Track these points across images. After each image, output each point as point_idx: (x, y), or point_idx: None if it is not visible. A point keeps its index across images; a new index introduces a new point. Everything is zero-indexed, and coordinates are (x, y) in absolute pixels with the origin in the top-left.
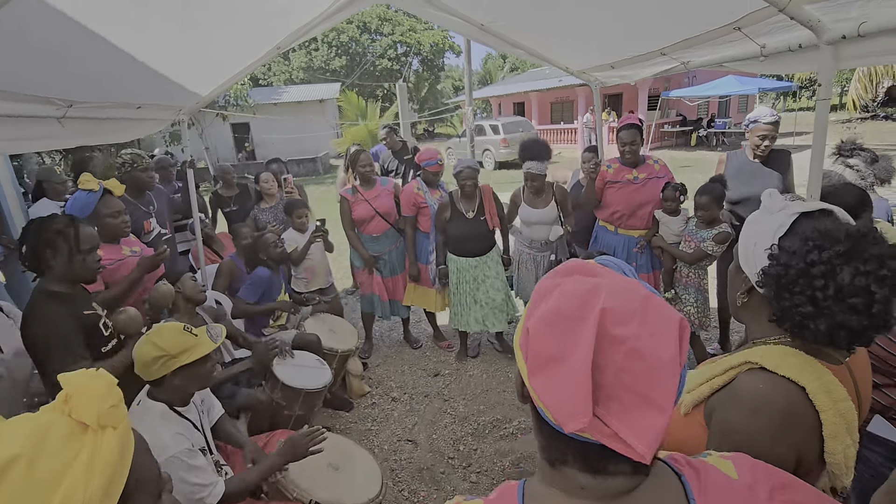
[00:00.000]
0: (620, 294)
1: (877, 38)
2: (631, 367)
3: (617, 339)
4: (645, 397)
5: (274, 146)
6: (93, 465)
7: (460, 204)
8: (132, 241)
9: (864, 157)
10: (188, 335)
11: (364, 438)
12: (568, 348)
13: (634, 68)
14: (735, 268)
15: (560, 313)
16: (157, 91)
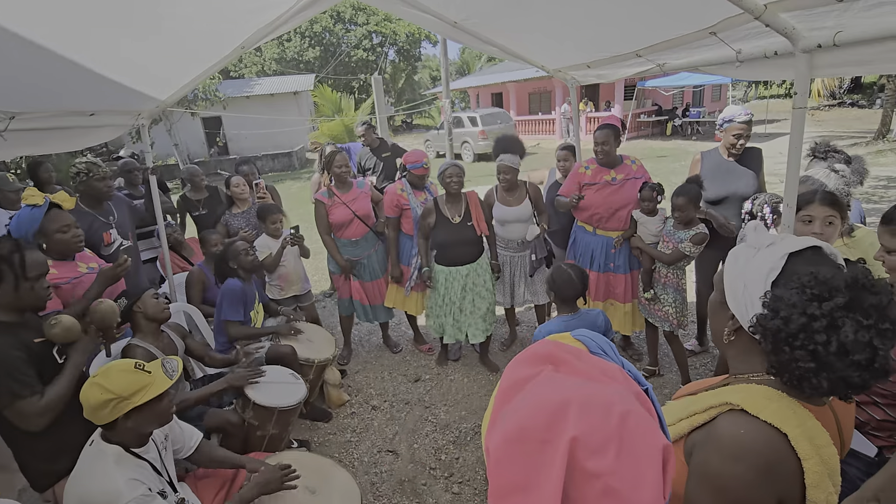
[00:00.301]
0: (595, 414)
1: (852, 47)
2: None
3: (590, 473)
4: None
5: (247, 141)
6: None
7: (445, 209)
8: (88, 256)
9: (837, 158)
10: (140, 373)
11: (343, 451)
12: (534, 478)
13: (610, 68)
14: (719, 302)
15: (525, 434)
16: (112, 97)
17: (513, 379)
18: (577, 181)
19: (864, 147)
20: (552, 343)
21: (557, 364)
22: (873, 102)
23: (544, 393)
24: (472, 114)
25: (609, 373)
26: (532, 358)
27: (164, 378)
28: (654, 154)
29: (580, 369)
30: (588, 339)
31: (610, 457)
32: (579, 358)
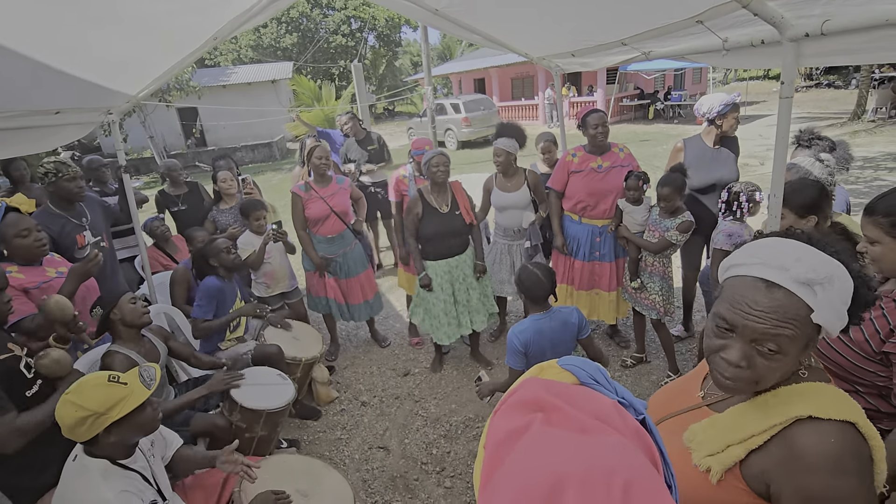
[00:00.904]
0: (596, 490)
1: (839, 36)
2: None
3: None
4: None
5: (225, 131)
6: None
7: (432, 199)
8: (56, 261)
9: (822, 145)
10: (114, 386)
11: (334, 448)
12: None
13: (595, 57)
14: (799, 353)
15: (520, 498)
16: (79, 94)
17: (503, 431)
18: (565, 169)
19: (840, 128)
20: (540, 384)
21: (548, 411)
22: (849, 83)
23: (538, 462)
24: (455, 100)
25: (603, 415)
26: (520, 405)
27: (142, 388)
28: (637, 138)
29: (573, 417)
30: (577, 369)
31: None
32: (569, 399)
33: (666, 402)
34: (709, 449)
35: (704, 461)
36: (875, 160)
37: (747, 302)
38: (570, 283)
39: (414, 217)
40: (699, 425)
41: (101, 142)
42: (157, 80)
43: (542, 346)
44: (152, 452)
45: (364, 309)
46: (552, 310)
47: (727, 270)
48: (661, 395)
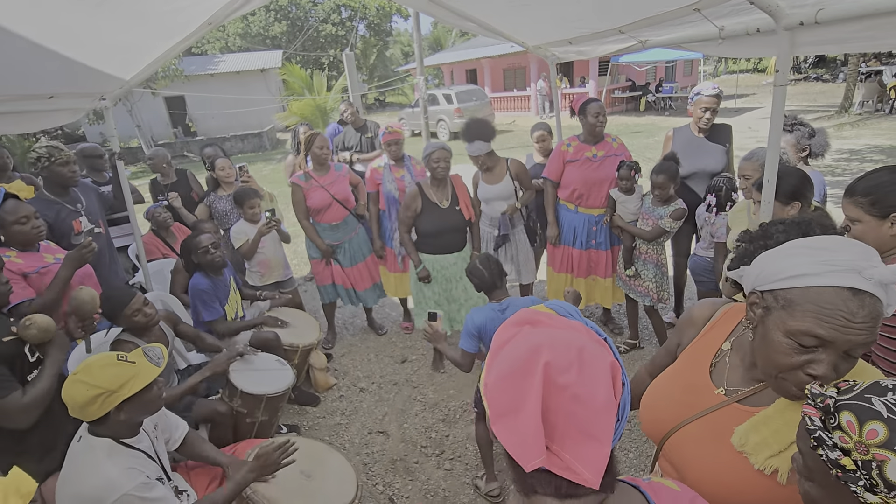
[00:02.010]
0: (561, 347)
1: (833, 25)
2: (575, 409)
3: (560, 386)
4: (589, 434)
5: (214, 121)
6: None
7: (431, 193)
8: (53, 248)
9: (803, 131)
10: (123, 365)
11: (334, 433)
12: (521, 400)
13: (592, 45)
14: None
15: (512, 371)
16: (73, 78)
17: (501, 339)
18: (560, 159)
19: (827, 121)
20: (530, 311)
21: (534, 324)
22: (836, 77)
23: (524, 342)
24: (448, 91)
25: (574, 326)
26: (514, 322)
27: (150, 366)
28: (628, 130)
29: (551, 324)
30: (557, 307)
31: (574, 372)
32: (551, 318)
33: (681, 401)
34: (771, 449)
35: (768, 462)
36: (861, 152)
37: (843, 315)
38: (570, 272)
39: (412, 212)
40: (748, 426)
41: (85, 130)
42: (150, 65)
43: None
44: (156, 434)
45: (373, 292)
46: (507, 300)
47: (786, 280)
48: (666, 391)
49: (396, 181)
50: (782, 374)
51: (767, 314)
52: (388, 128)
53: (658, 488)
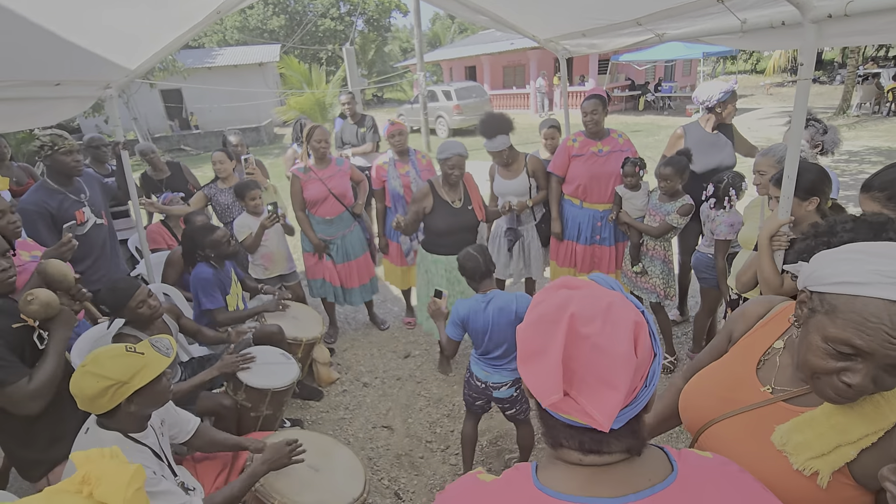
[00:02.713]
0: (588, 301)
1: (863, 17)
2: (594, 358)
3: (583, 335)
4: (606, 382)
5: (211, 114)
6: None
7: (443, 192)
8: (30, 244)
9: (818, 128)
10: (133, 356)
11: (338, 428)
12: (546, 344)
13: (607, 37)
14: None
15: (541, 318)
16: (79, 65)
17: (539, 297)
18: (566, 154)
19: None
20: (569, 277)
21: (572, 287)
22: (833, 79)
23: (557, 296)
24: (447, 87)
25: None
26: (553, 286)
27: (161, 357)
28: (627, 129)
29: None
30: (599, 279)
31: (597, 324)
32: (589, 284)
33: (724, 395)
34: (813, 451)
35: (809, 464)
36: (860, 154)
37: (886, 330)
38: (573, 266)
39: (421, 210)
40: (791, 426)
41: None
42: (156, 54)
43: (479, 324)
44: (162, 430)
45: (359, 293)
46: (491, 293)
47: (835, 286)
48: (709, 384)
49: (401, 177)
50: (819, 377)
51: (812, 315)
52: (392, 119)
53: (686, 454)
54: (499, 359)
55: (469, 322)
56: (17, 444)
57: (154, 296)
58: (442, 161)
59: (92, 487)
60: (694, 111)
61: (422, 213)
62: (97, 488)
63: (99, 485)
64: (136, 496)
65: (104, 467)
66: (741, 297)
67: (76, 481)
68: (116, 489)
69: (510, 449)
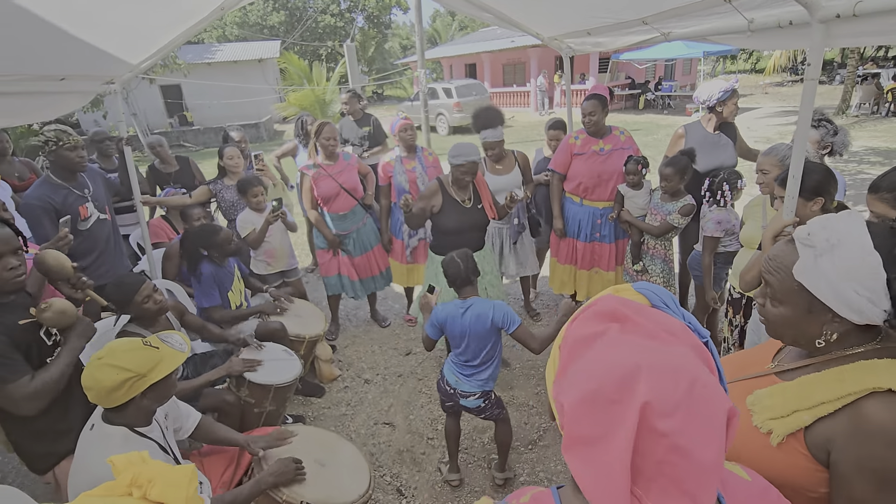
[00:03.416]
0: (665, 380)
1: (871, 18)
2: (672, 460)
3: (659, 432)
4: (685, 491)
5: (210, 110)
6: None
7: (453, 191)
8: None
9: (829, 128)
10: (149, 350)
11: (339, 424)
12: (606, 432)
13: (612, 36)
14: (803, 313)
15: (599, 396)
16: (83, 60)
17: (580, 334)
18: (568, 151)
19: None
20: (616, 299)
21: (623, 321)
22: (833, 79)
23: (615, 355)
24: (447, 85)
25: (673, 330)
26: (598, 315)
27: (176, 352)
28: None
29: (645, 327)
30: (650, 293)
31: (679, 419)
32: (643, 314)
33: (735, 370)
34: (773, 413)
35: (767, 423)
36: (858, 154)
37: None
38: (573, 264)
39: (429, 208)
40: (765, 391)
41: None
42: (160, 49)
43: (456, 330)
44: (166, 424)
45: (379, 280)
46: (470, 301)
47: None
48: (731, 361)
49: (407, 173)
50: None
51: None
52: (401, 114)
53: (730, 482)
54: (475, 367)
55: (447, 327)
56: (25, 437)
57: (159, 291)
58: (455, 166)
59: (145, 490)
60: (694, 110)
61: (429, 210)
62: (152, 489)
63: (153, 486)
64: (196, 496)
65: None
66: (744, 295)
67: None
68: (176, 489)
69: (511, 446)
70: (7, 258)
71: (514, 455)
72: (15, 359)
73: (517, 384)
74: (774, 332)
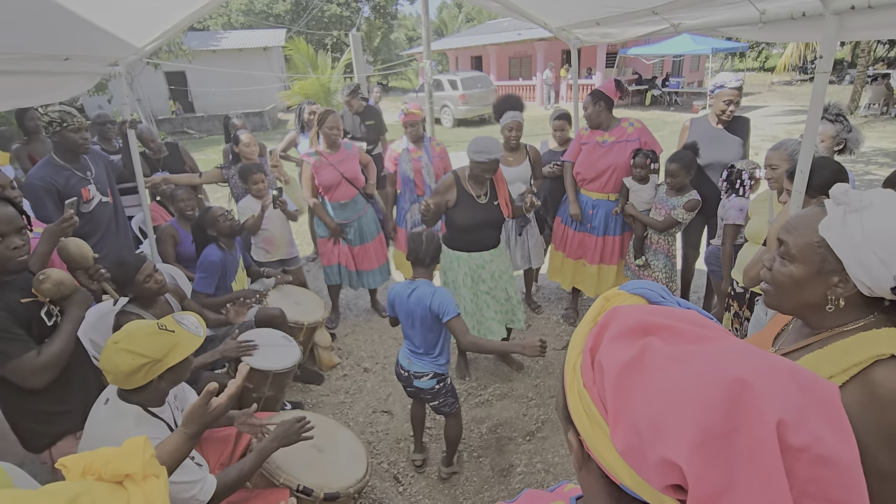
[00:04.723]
0: (775, 384)
1: (887, 9)
2: (817, 475)
3: (797, 449)
4: (837, 503)
5: (214, 98)
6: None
7: (469, 185)
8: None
9: (845, 125)
10: (166, 334)
11: (338, 412)
12: (734, 475)
13: (621, 27)
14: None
15: (710, 433)
16: (88, 41)
17: (619, 364)
18: (578, 141)
19: None
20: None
21: (657, 332)
22: (842, 78)
23: (690, 375)
24: (453, 77)
25: (703, 323)
26: (625, 334)
27: (192, 336)
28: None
29: (683, 331)
30: (646, 291)
31: (811, 424)
32: (670, 316)
33: None
34: None
35: None
36: (866, 154)
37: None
38: (564, 251)
39: (444, 203)
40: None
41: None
42: (165, 32)
43: (402, 310)
44: (176, 405)
45: (377, 275)
46: (417, 282)
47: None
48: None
49: (413, 161)
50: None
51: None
52: (405, 109)
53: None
54: (419, 354)
55: (395, 306)
56: (23, 416)
57: (160, 271)
58: (476, 163)
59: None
60: (701, 107)
61: (444, 206)
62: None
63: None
64: (152, 461)
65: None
66: (747, 290)
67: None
68: (131, 457)
69: (509, 437)
70: (10, 237)
71: (511, 446)
72: (19, 334)
73: (516, 377)
74: (778, 296)
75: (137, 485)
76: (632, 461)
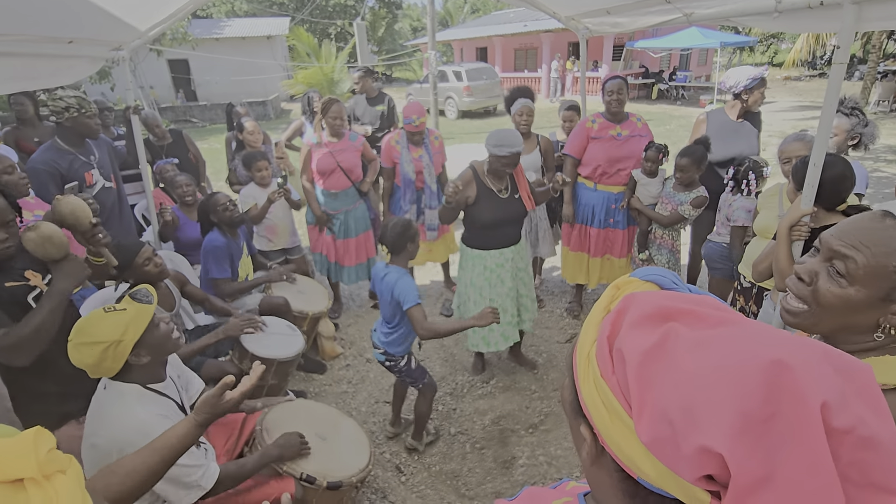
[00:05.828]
0: (814, 365)
1: None
2: (860, 458)
3: (841, 431)
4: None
5: (217, 86)
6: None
7: (488, 180)
8: (32, 203)
9: (861, 119)
10: (114, 314)
11: (340, 401)
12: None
13: (632, 16)
14: (877, 299)
15: (749, 419)
16: (92, 24)
17: (639, 352)
18: (584, 135)
19: None
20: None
21: (680, 317)
22: (852, 74)
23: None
24: (458, 68)
25: (720, 306)
26: (644, 321)
27: (143, 306)
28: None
29: (704, 315)
30: (658, 277)
31: (853, 405)
32: (689, 301)
33: None
34: None
35: None
36: (875, 151)
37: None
38: (586, 251)
39: (464, 200)
40: None
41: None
42: (169, 17)
43: (377, 290)
44: (181, 384)
45: (354, 272)
46: (390, 268)
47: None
48: None
49: (414, 162)
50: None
51: None
52: (413, 118)
53: None
54: (383, 330)
55: (374, 284)
56: (28, 398)
57: (159, 256)
58: (496, 157)
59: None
60: (708, 102)
61: (463, 203)
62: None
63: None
64: (52, 457)
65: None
66: (754, 285)
67: None
68: (22, 458)
69: (512, 429)
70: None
71: (514, 438)
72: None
73: (519, 369)
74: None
75: (39, 486)
76: (660, 452)
